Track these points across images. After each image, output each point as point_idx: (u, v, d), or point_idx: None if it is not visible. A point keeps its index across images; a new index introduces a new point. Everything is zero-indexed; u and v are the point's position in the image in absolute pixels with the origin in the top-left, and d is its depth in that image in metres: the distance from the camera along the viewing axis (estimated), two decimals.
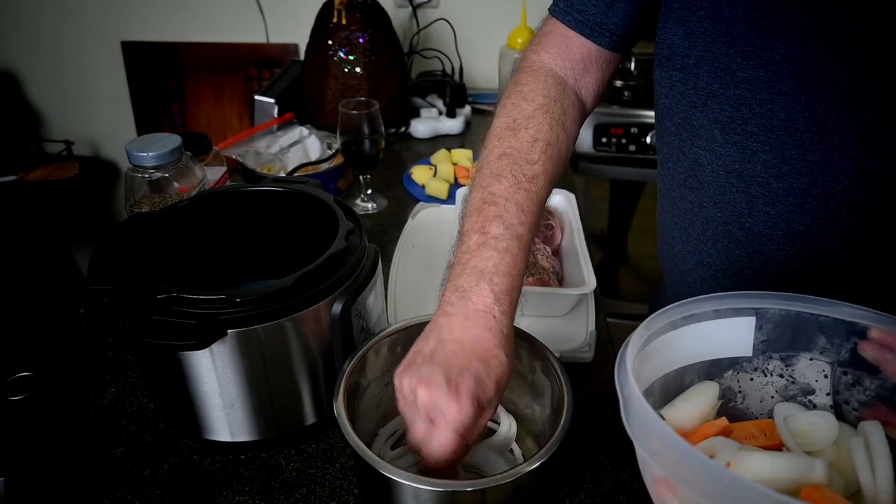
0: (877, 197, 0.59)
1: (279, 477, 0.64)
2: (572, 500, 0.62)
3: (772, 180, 0.62)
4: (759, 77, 0.58)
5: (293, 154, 1.25)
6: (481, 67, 1.73)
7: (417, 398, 0.50)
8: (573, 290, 0.79)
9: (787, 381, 0.53)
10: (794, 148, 0.59)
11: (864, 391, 0.49)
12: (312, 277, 0.59)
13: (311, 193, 0.71)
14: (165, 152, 0.79)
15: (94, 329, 0.83)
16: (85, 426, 0.69)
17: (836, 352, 0.50)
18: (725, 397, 0.54)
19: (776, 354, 0.52)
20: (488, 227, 0.56)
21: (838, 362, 0.50)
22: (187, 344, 0.56)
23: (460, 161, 1.25)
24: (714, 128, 0.64)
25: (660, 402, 0.52)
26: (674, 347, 0.51)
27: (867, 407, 0.49)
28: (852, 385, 0.50)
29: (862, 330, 0.48)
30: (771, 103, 0.59)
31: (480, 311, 0.53)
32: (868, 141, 0.57)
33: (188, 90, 1.93)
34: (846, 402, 0.50)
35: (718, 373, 0.54)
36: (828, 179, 0.59)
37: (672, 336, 0.50)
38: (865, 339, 0.48)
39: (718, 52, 0.60)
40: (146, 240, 0.65)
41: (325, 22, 1.35)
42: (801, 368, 0.52)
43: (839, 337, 0.49)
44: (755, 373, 0.53)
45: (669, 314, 0.51)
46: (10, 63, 2.00)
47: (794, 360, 0.52)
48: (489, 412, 0.52)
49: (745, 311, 0.51)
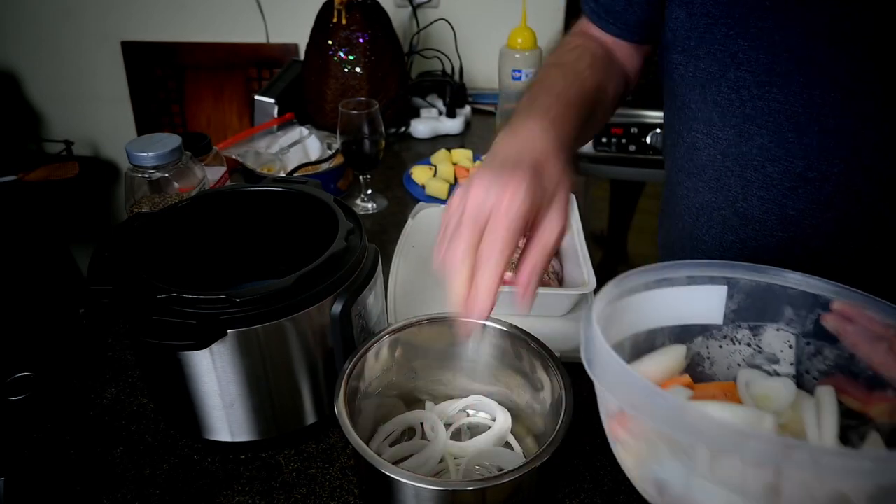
0: (872, 182, 0.59)
1: (279, 477, 0.64)
2: (572, 500, 0.62)
3: (767, 164, 0.62)
4: (759, 59, 0.59)
5: (293, 154, 1.25)
6: (481, 67, 1.73)
7: (466, 205, 0.48)
8: (573, 290, 0.79)
9: (755, 350, 0.54)
10: (791, 131, 0.59)
11: (823, 360, 0.51)
12: (312, 277, 0.59)
13: (311, 193, 0.71)
14: (165, 152, 0.79)
15: (94, 329, 0.83)
16: (85, 426, 0.69)
17: (801, 323, 0.51)
18: (694, 362, 0.55)
19: (745, 324, 0.53)
20: (535, 101, 0.58)
21: (803, 333, 0.51)
22: (187, 344, 0.56)
23: (460, 161, 1.25)
24: (712, 111, 0.64)
25: (629, 358, 0.53)
26: (646, 308, 0.52)
27: (826, 376, 0.51)
28: (814, 355, 0.51)
29: (825, 302, 0.49)
30: (770, 85, 0.59)
31: (534, 126, 0.53)
32: (864, 125, 0.57)
33: (188, 90, 1.93)
34: (807, 371, 0.52)
35: (689, 338, 0.55)
36: (823, 163, 0.59)
37: (645, 296, 0.51)
38: (828, 311, 0.49)
39: (719, 34, 0.60)
40: (146, 240, 0.65)
41: (325, 22, 1.35)
42: (767, 338, 0.53)
43: (805, 309, 0.51)
44: (724, 340, 0.55)
45: (644, 275, 0.52)
46: (10, 63, 2.00)
47: (761, 329, 0.53)
48: (550, 232, 0.49)
49: (718, 280, 0.52)
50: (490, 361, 0.66)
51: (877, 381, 0.47)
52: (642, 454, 0.43)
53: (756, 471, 0.37)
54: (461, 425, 0.67)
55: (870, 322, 0.47)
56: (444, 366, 0.68)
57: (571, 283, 0.84)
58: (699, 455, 0.38)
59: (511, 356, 0.64)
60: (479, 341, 0.65)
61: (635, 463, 0.44)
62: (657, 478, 0.42)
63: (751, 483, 0.38)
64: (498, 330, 0.64)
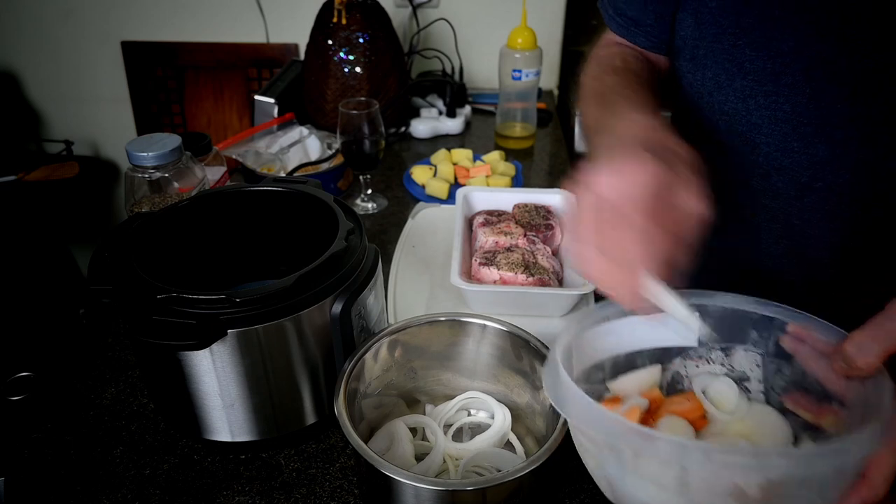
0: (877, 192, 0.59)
1: (279, 477, 0.64)
2: (572, 500, 0.62)
3: (772, 173, 0.62)
4: (766, 68, 0.59)
5: (293, 154, 1.25)
6: (481, 67, 1.73)
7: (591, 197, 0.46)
8: (573, 291, 0.79)
9: (728, 369, 0.59)
10: (797, 141, 0.59)
11: (783, 377, 0.56)
12: (312, 277, 0.59)
13: (311, 193, 0.71)
14: (165, 152, 0.79)
15: (94, 329, 0.83)
16: (85, 426, 0.69)
17: (764, 344, 0.56)
18: (674, 380, 0.60)
19: (717, 346, 0.58)
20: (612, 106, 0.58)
21: (767, 353, 0.56)
22: (187, 344, 0.56)
23: (460, 161, 1.25)
24: (719, 119, 0.64)
25: (609, 376, 0.58)
26: (624, 332, 0.57)
27: (786, 392, 0.55)
28: (775, 372, 0.56)
29: (782, 325, 0.54)
30: (776, 95, 0.59)
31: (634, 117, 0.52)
32: (872, 135, 0.57)
33: (188, 90, 1.93)
34: (772, 387, 0.57)
35: (668, 359, 0.60)
36: (829, 174, 0.59)
37: (622, 322, 0.56)
38: (785, 333, 0.54)
39: (727, 43, 0.60)
40: (146, 240, 0.65)
41: (325, 22, 1.35)
42: (738, 358, 0.58)
43: (766, 331, 0.56)
44: (700, 360, 0.60)
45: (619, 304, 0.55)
46: (10, 63, 2.00)
47: (732, 350, 0.58)
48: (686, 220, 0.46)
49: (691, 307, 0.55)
50: (490, 361, 0.66)
51: (825, 395, 0.51)
52: (596, 456, 0.49)
53: (667, 466, 0.43)
54: (462, 425, 0.67)
55: (816, 341, 0.51)
56: (444, 366, 0.68)
57: (571, 283, 0.84)
58: (626, 455, 0.45)
59: (511, 356, 0.64)
60: (480, 341, 0.65)
61: (593, 464, 0.50)
62: (606, 475, 0.49)
63: (665, 478, 0.44)
64: (498, 330, 0.64)
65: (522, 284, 0.79)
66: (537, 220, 0.89)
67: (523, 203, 0.93)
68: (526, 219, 0.90)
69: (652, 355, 0.59)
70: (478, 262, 0.82)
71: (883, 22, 0.53)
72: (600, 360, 0.57)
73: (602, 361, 0.57)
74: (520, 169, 1.25)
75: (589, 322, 0.56)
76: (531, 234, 0.87)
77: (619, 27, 0.72)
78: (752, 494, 0.42)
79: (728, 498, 0.42)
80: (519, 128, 1.41)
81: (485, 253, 0.84)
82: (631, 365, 0.59)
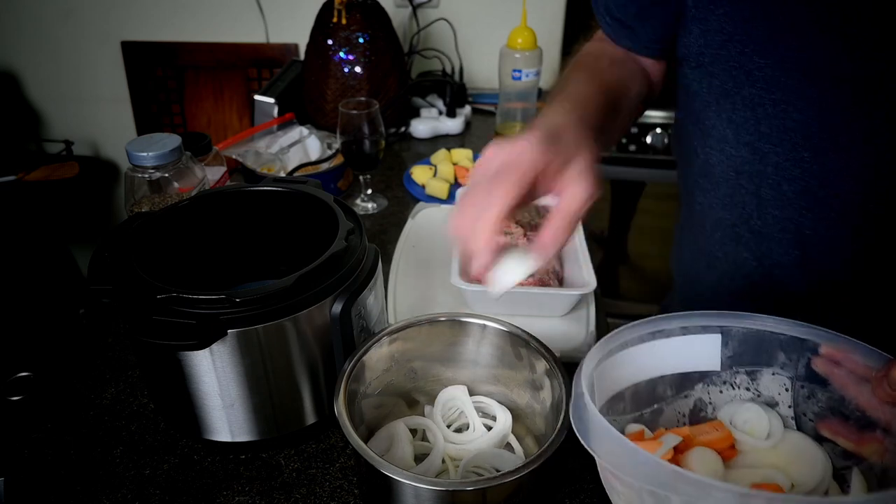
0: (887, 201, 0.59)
1: (279, 477, 0.64)
2: (572, 500, 0.62)
3: (783, 182, 0.61)
4: (774, 77, 0.58)
5: (293, 154, 1.25)
6: (481, 67, 1.73)
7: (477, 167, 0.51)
8: (573, 291, 0.79)
9: (754, 394, 0.56)
10: (807, 150, 0.59)
11: (816, 402, 0.53)
12: (312, 277, 0.59)
13: (311, 193, 0.71)
14: (165, 152, 0.79)
15: (94, 329, 0.83)
16: (85, 426, 0.69)
17: (794, 367, 0.53)
18: (696, 407, 0.57)
19: (742, 369, 0.56)
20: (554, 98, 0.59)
21: (797, 376, 0.53)
22: (187, 344, 0.56)
23: (460, 161, 1.25)
24: (726, 128, 0.63)
25: (630, 408, 0.56)
26: (644, 359, 0.54)
27: (820, 418, 0.53)
28: (808, 398, 0.53)
29: (814, 346, 0.51)
30: (785, 103, 0.58)
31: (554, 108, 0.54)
32: (881, 145, 0.56)
33: (188, 90, 1.93)
34: (804, 413, 0.54)
35: (690, 385, 0.57)
36: (840, 182, 0.59)
37: (641, 349, 0.54)
38: (817, 355, 0.51)
39: (734, 51, 0.60)
40: (146, 240, 0.65)
41: (325, 22, 1.35)
42: (765, 382, 0.55)
43: (796, 353, 0.53)
44: (724, 385, 0.57)
45: (637, 329, 0.54)
46: (10, 63, 2.00)
47: (758, 374, 0.55)
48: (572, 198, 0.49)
49: (712, 329, 0.54)
50: (490, 361, 0.66)
51: (866, 422, 0.49)
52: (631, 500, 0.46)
53: None
54: (461, 425, 0.67)
55: (854, 365, 0.49)
56: (444, 366, 0.68)
57: (571, 283, 0.84)
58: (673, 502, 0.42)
59: (511, 356, 0.64)
60: (480, 341, 0.65)
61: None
62: None
63: None
64: (498, 330, 0.64)
65: (522, 284, 0.79)
66: (537, 220, 0.89)
67: None
68: (526, 219, 0.90)
69: (673, 381, 0.57)
70: None
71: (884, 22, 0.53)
72: (621, 389, 0.55)
73: (622, 391, 0.55)
74: None
75: (608, 350, 0.53)
76: (531, 234, 0.87)
77: (606, 26, 0.72)
78: None
79: None
80: (519, 128, 1.41)
81: None
82: (652, 393, 0.57)
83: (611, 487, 0.48)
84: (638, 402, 0.56)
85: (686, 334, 0.55)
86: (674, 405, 0.59)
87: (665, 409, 0.59)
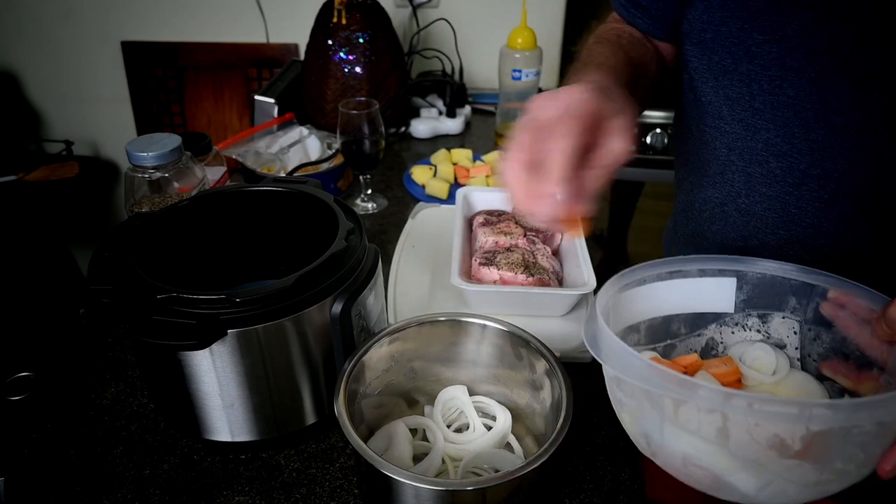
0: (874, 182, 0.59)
1: (279, 477, 0.64)
2: (572, 500, 0.62)
3: (771, 159, 0.62)
4: (772, 52, 0.59)
5: (293, 154, 1.25)
6: (481, 67, 1.73)
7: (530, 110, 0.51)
8: (573, 291, 0.79)
9: (764, 336, 0.58)
10: (798, 126, 0.60)
11: (821, 344, 0.55)
12: (312, 277, 0.59)
13: (311, 193, 0.71)
14: (165, 152, 0.79)
15: (94, 329, 0.83)
16: (85, 426, 0.69)
17: (803, 311, 0.56)
18: (708, 346, 0.60)
19: (754, 312, 0.58)
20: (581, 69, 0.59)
21: (805, 320, 0.56)
22: (187, 344, 0.56)
23: (460, 161, 1.25)
24: (722, 104, 0.64)
25: (645, 340, 0.59)
26: (661, 296, 0.57)
27: (824, 359, 0.55)
28: (813, 339, 0.56)
29: (823, 291, 0.54)
30: (781, 79, 0.59)
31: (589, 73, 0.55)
32: (872, 122, 0.57)
33: (188, 90, 1.93)
34: (809, 354, 0.57)
35: (703, 324, 0.60)
36: (827, 160, 0.60)
37: (660, 286, 0.57)
38: (825, 300, 0.54)
39: (734, 26, 0.61)
40: (146, 240, 0.65)
41: (325, 22, 1.35)
42: (775, 325, 0.58)
43: (806, 297, 0.55)
44: (736, 327, 0.60)
45: (657, 267, 0.57)
46: (10, 63, 2.00)
47: (769, 317, 0.58)
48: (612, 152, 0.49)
49: (728, 273, 0.57)
50: (490, 361, 0.66)
51: (865, 362, 0.51)
52: (633, 411, 0.49)
53: (708, 416, 0.43)
54: (461, 425, 0.67)
55: (858, 308, 0.51)
56: (444, 366, 0.68)
57: (571, 283, 0.84)
58: (666, 405, 0.45)
59: (511, 356, 0.64)
60: (480, 341, 0.65)
61: (630, 419, 0.50)
62: (644, 430, 0.49)
63: (705, 427, 0.43)
64: (498, 330, 0.64)
65: (522, 284, 0.79)
66: None
67: None
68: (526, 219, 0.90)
69: (687, 319, 0.59)
70: (478, 262, 0.82)
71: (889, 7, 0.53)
72: (636, 322, 0.57)
73: (638, 324, 0.58)
74: None
75: (626, 283, 0.55)
76: (531, 234, 0.87)
77: (620, 8, 0.73)
78: (793, 446, 0.41)
79: (769, 450, 0.42)
80: None
81: (485, 253, 0.84)
82: (667, 329, 0.59)
83: (617, 402, 0.51)
84: (653, 336, 0.59)
85: (703, 276, 0.57)
86: (686, 342, 0.61)
87: (678, 345, 0.61)
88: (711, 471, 0.45)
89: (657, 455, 0.49)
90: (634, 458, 0.65)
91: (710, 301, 0.58)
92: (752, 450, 0.42)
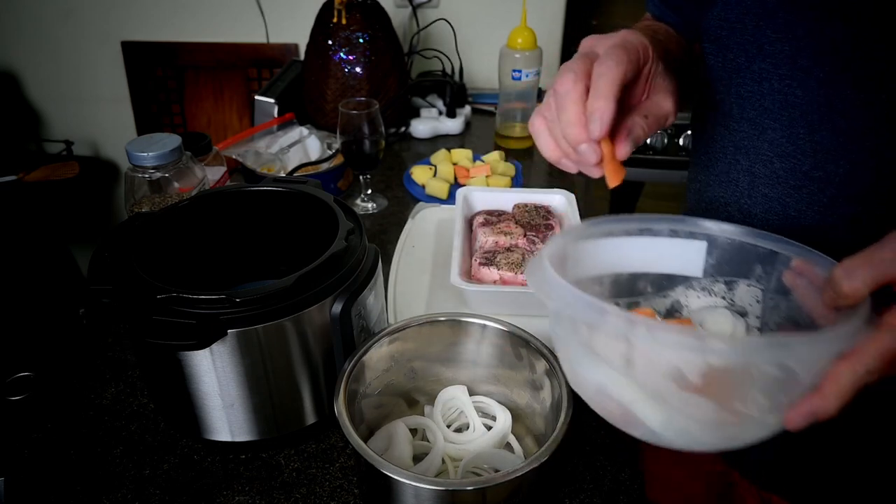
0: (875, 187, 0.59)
1: (279, 477, 0.64)
2: (572, 500, 0.62)
3: (776, 159, 0.63)
4: (783, 51, 0.59)
5: (293, 154, 1.25)
6: (481, 67, 1.73)
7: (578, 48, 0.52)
8: None
9: (728, 303, 0.58)
10: (803, 127, 0.60)
11: (779, 313, 0.55)
12: (312, 277, 0.59)
13: (311, 193, 0.71)
14: (165, 152, 0.79)
15: (94, 329, 0.83)
16: (85, 426, 0.69)
17: (767, 279, 0.55)
18: (673, 308, 0.60)
19: (721, 278, 0.58)
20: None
21: (767, 289, 0.55)
22: (187, 344, 0.56)
23: (460, 161, 1.25)
24: (733, 102, 0.65)
25: (608, 293, 0.58)
26: (628, 252, 0.57)
27: (779, 327, 0.55)
28: (773, 308, 0.55)
29: (787, 260, 0.53)
30: (790, 79, 0.59)
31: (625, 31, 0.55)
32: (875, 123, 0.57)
33: (188, 90, 1.93)
34: (767, 323, 0.56)
35: (670, 286, 0.59)
36: (829, 162, 0.60)
37: (629, 241, 0.56)
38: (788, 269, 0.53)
39: (749, 24, 0.61)
40: (146, 240, 0.65)
41: (325, 22, 1.35)
42: (740, 293, 0.58)
43: (771, 265, 0.55)
44: (702, 292, 0.59)
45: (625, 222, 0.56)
46: (10, 63, 2.00)
47: (735, 284, 0.57)
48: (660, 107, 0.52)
49: (699, 236, 0.56)
50: (490, 361, 0.66)
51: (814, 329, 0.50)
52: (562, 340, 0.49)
53: (615, 343, 0.43)
54: (461, 425, 0.67)
55: (816, 277, 0.51)
56: (444, 366, 0.68)
57: None
58: (581, 332, 0.46)
59: (511, 356, 0.64)
60: (480, 341, 0.65)
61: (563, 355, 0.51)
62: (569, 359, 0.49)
63: (613, 354, 0.44)
64: (498, 330, 0.64)
65: (522, 284, 0.79)
66: (537, 220, 0.89)
67: (523, 203, 0.93)
68: (526, 219, 0.90)
69: (654, 279, 0.59)
70: (478, 262, 0.82)
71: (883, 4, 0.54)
72: (599, 274, 0.57)
73: (601, 276, 0.57)
74: (519, 169, 1.25)
75: (590, 233, 0.55)
76: (531, 234, 0.87)
77: (654, 7, 0.75)
78: (693, 380, 0.41)
79: (670, 382, 0.42)
80: (519, 128, 1.41)
81: (485, 253, 0.84)
82: (632, 286, 0.59)
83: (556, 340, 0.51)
84: (617, 290, 0.58)
85: (674, 237, 0.57)
86: (651, 302, 0.60)
87: (642, 303, 0.60)
88: (619, 401, 0.45)
89: (578, 385, 0.49)
90: (634, 459, 0.65)
91: (680, 264, 0.58)
92: (654, 380, 0.43)
